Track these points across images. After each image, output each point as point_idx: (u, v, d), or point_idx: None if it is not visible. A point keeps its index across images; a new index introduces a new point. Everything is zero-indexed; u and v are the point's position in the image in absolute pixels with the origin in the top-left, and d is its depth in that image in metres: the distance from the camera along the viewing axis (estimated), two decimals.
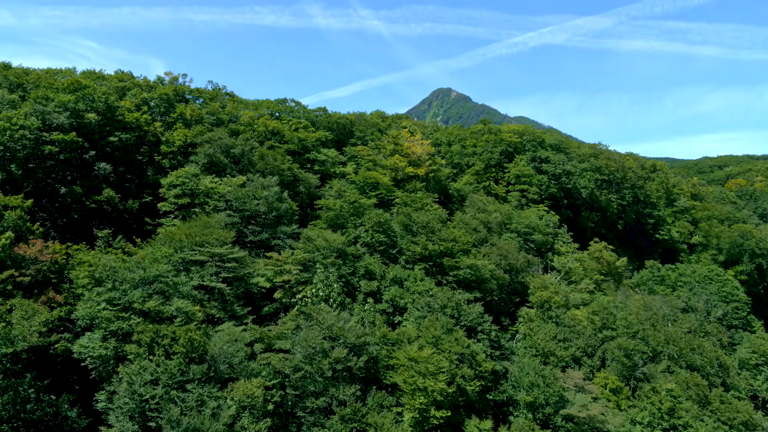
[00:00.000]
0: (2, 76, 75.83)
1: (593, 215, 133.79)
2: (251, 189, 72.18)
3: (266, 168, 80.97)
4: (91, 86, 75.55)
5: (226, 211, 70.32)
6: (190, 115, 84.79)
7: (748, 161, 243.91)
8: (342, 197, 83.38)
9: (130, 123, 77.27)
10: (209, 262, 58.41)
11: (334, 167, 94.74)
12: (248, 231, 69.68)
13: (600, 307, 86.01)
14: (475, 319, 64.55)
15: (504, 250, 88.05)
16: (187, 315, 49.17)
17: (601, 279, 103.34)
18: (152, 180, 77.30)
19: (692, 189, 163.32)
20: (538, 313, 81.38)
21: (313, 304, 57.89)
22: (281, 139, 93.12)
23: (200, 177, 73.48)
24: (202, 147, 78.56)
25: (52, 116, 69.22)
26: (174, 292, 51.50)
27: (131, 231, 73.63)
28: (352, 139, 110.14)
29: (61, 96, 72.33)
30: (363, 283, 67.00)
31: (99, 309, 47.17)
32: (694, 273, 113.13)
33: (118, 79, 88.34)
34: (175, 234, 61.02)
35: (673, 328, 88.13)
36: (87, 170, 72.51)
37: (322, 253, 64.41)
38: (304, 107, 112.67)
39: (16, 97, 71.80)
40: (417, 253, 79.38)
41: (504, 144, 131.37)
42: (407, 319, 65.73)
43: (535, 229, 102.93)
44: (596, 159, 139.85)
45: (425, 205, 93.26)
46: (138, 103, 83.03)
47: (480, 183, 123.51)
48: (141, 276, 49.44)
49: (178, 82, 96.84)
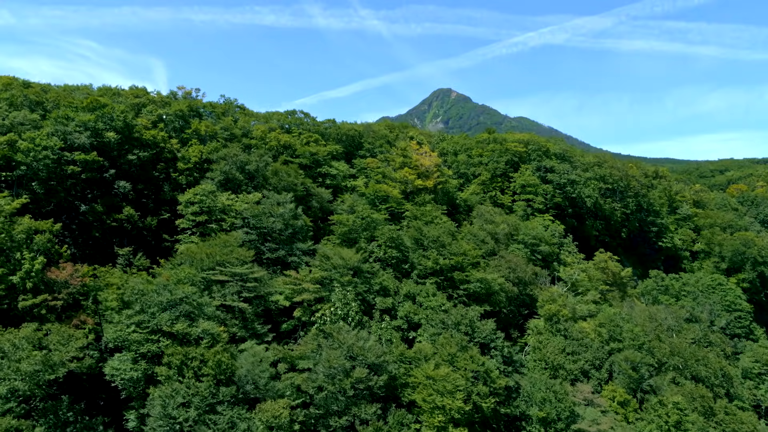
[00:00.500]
0: (22, 95, 77.30)
1: (597, 223, 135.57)
2: (267, 206, 73.81)
3: (280, 183, 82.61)
4: (109, 104, 77.13)
5: (243, 229, 71.99)
6: (205, 131, 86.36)
7: (749, 166, 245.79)
8: (354, 212, 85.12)
9: (147, 140, 78.90)
10: (231, 281, 60.06)
11: (346, 181, 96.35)
12: (265, 248, 71.32)
13: (607, 319, 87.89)
14: (488, 336, 66.31)
15: (512, 263, 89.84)
16: (213, 336, 50.84)
17: (606, 289, 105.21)
18: (169, 196, 78.90)
19: (694, 196, 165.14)
20: (547, 325, 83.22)
21: (332, 322, 59.58)
22: (293, 152, 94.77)
23: (217, 194, 75.06)
24: (218, 164, 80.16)
25: (74, 136, 70.85)
26: (199, 313, 53.16)
27: (150, 248, 75.33)
28: (361, 150, 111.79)
29: (81, 115, 73.92)
30: (378, 299, 68.79)
31: (129, 332, 48.84)
32: (697, 282, 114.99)
33: (133, 95, 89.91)
34: (196, 253, 62.67)
35: (678, 339, 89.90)
36: (107, 188, 74.13)
37: (339, 271, 66.13)
38: (313, 119, 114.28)
39: (36, 116, 73.31)
40: (428, 267, 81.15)
41: (509, 154, 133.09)
42: (422, 335, 67.53)
43: (541, 240, 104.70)
44: (600, 168, 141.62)
45: (435, 218, 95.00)
46: (154, 119, 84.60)
47: (486, 193, 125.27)
48: (168, 299, 51.09)
49: (192, 96, 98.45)
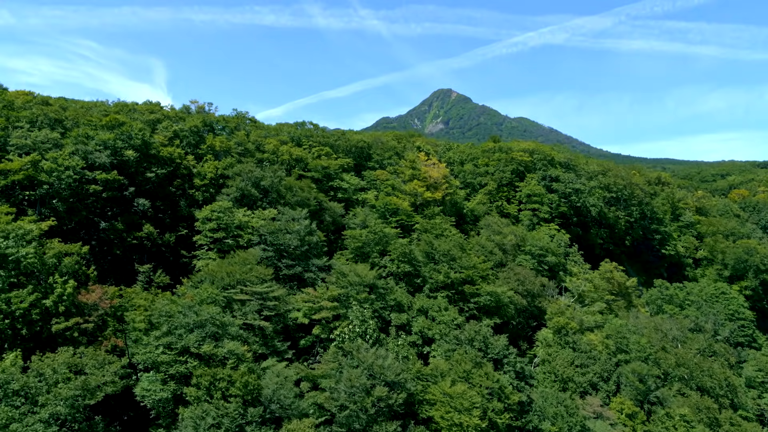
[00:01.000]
0: (42, 113, 78.86)
1: (602, 232, 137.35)
2: (283, 223, 75.47)
3: (294, 198, 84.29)
4: (127, 122, 78.76)
5: (260, 245, 73.65)
6: (219, 147, 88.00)
7: (750, 170, 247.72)
8: (367, 227, 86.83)
9: (164, 157, 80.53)
10: (251, 300, 61.75)
11: (357, 194, 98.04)
12: (282, 265, 72.97)
13: (613, 331, 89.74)
14: (500, 352, 68.08)
15: (521, 275, 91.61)
16: (238, 357, 52.54)
17: (612, 299, 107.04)
18: (186, 213, 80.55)
19: (697, 203, 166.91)
20: (556, 338, 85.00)
21: (350, 340, 61.31)
22: (305, 166, 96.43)
23: (233, 211, 76.70)
24: (234, 180, 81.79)
25: (94, 155, 72.50)
26: (223, 333, 54.84)
27: (168, 264, 77.04)
28: (370, 162, 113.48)
29: (100, 134, 75.56)
30: (393, 315, 70.55)
31: (158, 353, 50.53)
32: (701, 292, 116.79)
33: (148, 110, 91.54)
34: (217, 272, 64.34)
35: (683, 349, 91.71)
36: (127, 206, 75.79)
37: (355, 289, 67.86)
38: (322, 130, 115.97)
39: (57, 135, 74.89)
40: (439, 281, 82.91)
41: (515, 163, 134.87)
42: (436, 350, 69.29)
43: (548, 250, 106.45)
44: (604, 176, 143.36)
45: (444, 230, 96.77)
46: (170, 135, 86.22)
47: (493, 203, 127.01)
48: (194, 320, 52.77)
49: (205, 111, 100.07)
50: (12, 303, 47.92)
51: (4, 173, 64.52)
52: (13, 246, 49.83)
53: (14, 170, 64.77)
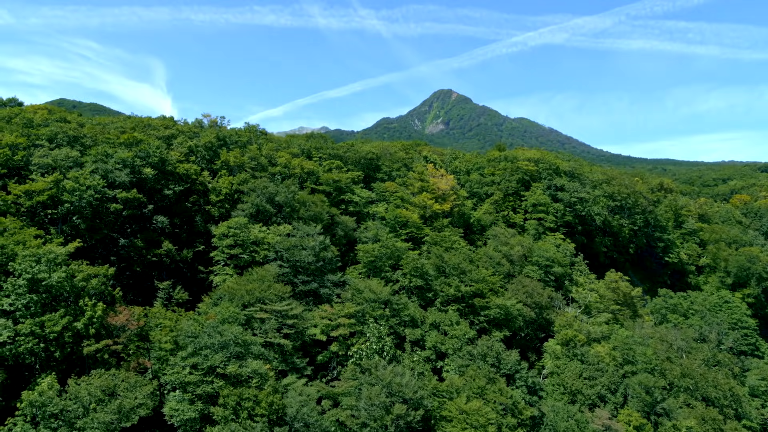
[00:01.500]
0: (62, 131, 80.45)
1: (606, 240, 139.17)
2: (298, 239, 77.14)
3: (307, 213, 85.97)
4: (145, 140, 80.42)
5: (276, 262, 75.34)
6: (233, 162, 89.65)
7: (751, 174, 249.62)
8: (378, 241, 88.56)
9: (181, 174, 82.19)
10: (271, 318, 63.46)
11: (368, 207, 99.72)
12: (298, 281, 74.65)
13: (620, 342, 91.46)
14: (512, 367, 69.83)
15: (529, 288, 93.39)
16: (261, 376, 54.25)
17: (617, 309, 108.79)
18: (202, 228, 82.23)
19: (699, 209, 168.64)
20: (564, 350, 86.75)
21: (367, 357, 63.06)
22: (317, 180, 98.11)
23: (249, 227, 78.36)
24: (249, 196, 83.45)
25: (114, 174, 74.17)
26: (246, 352, 56.55)
27: (186, 279, 78.76)
28: (379, 173, 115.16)
29: (119, 152, 77.21)
30: (408, 331, 72.33)
31: (185, 373, 52.22)
32: (705, 301, 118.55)
33: (163, 126, 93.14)
34: (236, 290, 66.01)
35: (688, 360, 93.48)
36: (145, 223, 77.47)
37: (371, 305, 69.58)
38: (332, 142, 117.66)
39: (77, 153, 76.49)
40: (450, 294, 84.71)
41: (521, 173, 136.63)
42: (449, 365, 71.09)
43: (554, 261, 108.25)
44: (608, 185, 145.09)
45: (453, 242, 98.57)
46: (185, 151, 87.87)
47: (499, 212, 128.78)
48: (219, 341, 54.46)
49: (217, 125, 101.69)
50: (45, 326, 49.59)
51: (29, 194, 66.16)
52: (45, 270, 51.48)
53: (38, 191, 66.43)
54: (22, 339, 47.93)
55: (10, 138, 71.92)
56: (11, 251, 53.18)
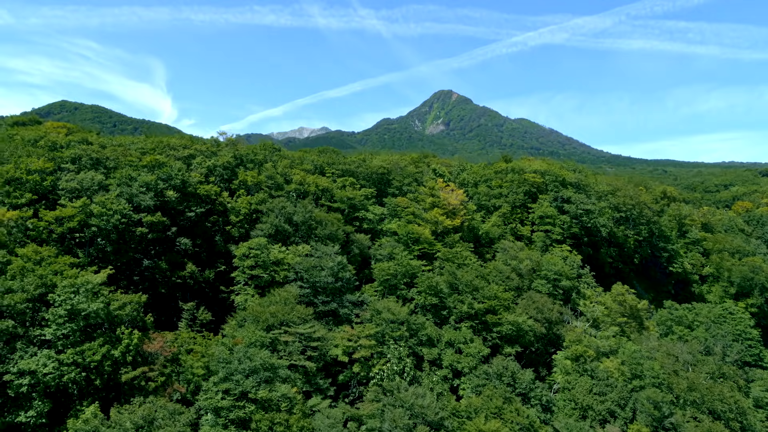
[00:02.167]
0: (86, 154, 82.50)
1: (611, 251, 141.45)
2: (317, 260, 79.34)
3: (324, 232, 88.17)
4: (167, 163, 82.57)
5: (297, 282, 77.58)
6: (251, 182, 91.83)
7: (753, 180, 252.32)
8: (393, 259, 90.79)
9: (201, 195, 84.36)
10: (296, 341, 65.70)
11: (381, 224, 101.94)
12: (318, 301, 76.88)
13: (628, 357, 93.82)
14: (528, 386, 72.13)
15: (540, 303, 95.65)
16: (290, 400, 56.52)
17: (624, 321, 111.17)
18: (223, 249, 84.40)
19: (702, 218, 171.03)
20: (574, 365, 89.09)
21: (389, 378, 65.34)
22: (331, 197, 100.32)
23: (269, 247, 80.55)
24: (268, 216, 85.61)
25: (139, 198, 76.33)
26: (274, 376, 58.81)
27: (208, 299, 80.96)
28: (390, 188, 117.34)
29: (142, 175, 79.37)
30: (425, 350, 74.60)
31: (218, 399, 54.48)
32: (709, 313, 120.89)
33: (182, 146, 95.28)
34: (261, 313, 68.22)
35: (694, 373, 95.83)
36: (169, 245, 79.64)
37: (390, 327, 71.84)
38: (343, 156, 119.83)
39: (101, 177, 78.62)
40: (463, 312, 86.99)
41: (527, 185, 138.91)
42: (465, 384, 73.36)
43: (562, 275, 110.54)
44: (614, 196, 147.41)
45: (465, 258, 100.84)
46: (204, 172, 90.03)
47: (507, 225, 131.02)
48: (249, 366, 56.72)
49: (234, 143, 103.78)
50: (86, 355, 51.81)
51: (60, 220, 68.33)
52: (83, 301, 53.68)
53: (68, 217, 68.57)
54: (66, 369, 50.15)
55: (38, 164, 74.05)
56: (50, 281, 55.36)
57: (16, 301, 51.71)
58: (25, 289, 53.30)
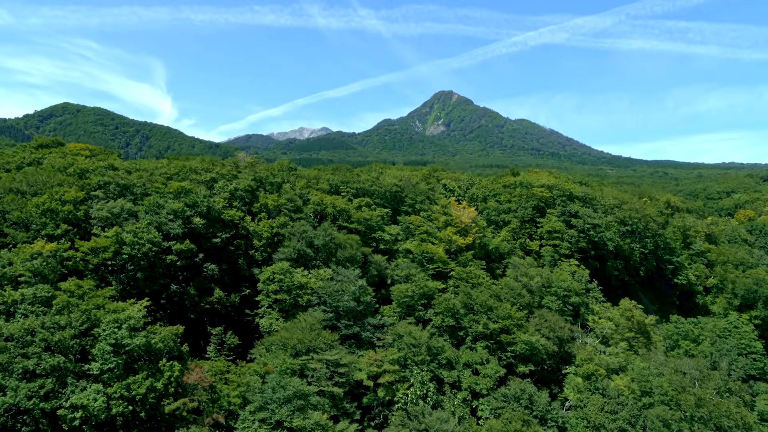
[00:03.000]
0: (114, 182, 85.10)
1: (618, 263, 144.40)
2: (340, 285, 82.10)
3: (344, 255, 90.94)
4: (193, 190, 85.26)
5: (321, 306, 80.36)
6: (272, 205, 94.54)
7: (755, 188, 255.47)
8: (410, 280, 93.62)
9: (226, 221, 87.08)
10: (323, 367, 68.51)
11: (397, 244, 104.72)
12: (341, 325, 79.70)
13: (637, 374, 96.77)
14: (544, 407, 75.03)
15: (552, 322, 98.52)
16: (323, 428, 59.34)
17: (632, 336, 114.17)
18: (247, 273, 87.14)
19: (706, 230, 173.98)
20: (585, 383, 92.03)
21: (412, 402, 68.21)
22: (348, 218, 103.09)
23: (292, 272, 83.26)
24: (290, 240, 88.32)
25: (168, 226, 79.01)
26: (306, 403, 61.64)
27: (233, 322, 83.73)
28: (403, 206, 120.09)
29: (170, 203, 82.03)
30: (445, 373, 77.47)
31: (255, 428, 57.32)
32: (714, 327, 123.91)
33: (204, 169, 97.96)
34: (289, 339, 71.02)
35: (702, 390, 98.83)
36: (197, 271, 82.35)
37: (413, 351, 74.68)
38: (356, 175, 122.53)
39: (130, 204, 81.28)
40: (479, 332, 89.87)
41: (536, 199, 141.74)
42: (484, 406, 76.25)
43: (572, 291, 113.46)
44: (620, 210, 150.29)
45: (479, 277, 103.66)
46: (227, 196, 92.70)
47: (516, 239, 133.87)
48: (283, 395, 59.53)
49: (252, 161, 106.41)
50: (131, 388, 54.57)
51: (95, 251, 71.03)
52: (127, 336, 56.43)
53: (103, 248, 71.25)
54: (114, 402, 52.93)
55: (71, 193, 76.68)
56: (94, 316, 58.10)
57: (65, 337, 54.46)
58: (73, 325, 56.03)
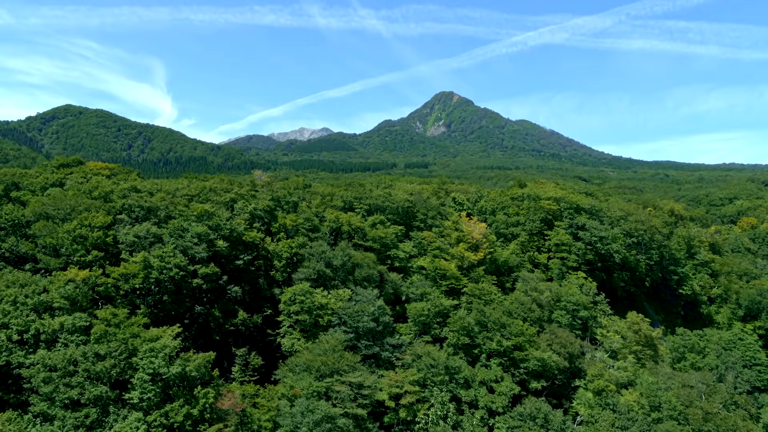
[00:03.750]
0: (138, 205, 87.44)
1: (624, 274, 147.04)
2: (359, 305, 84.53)
3: (361, 275, 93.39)
4: (215, 213, 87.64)
5: (341, 327, 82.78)
6: (290, 225, 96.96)
7: (756, 194, 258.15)
8: (425, 298, 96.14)
9: (248, 242, 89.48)
10: (348, 389, 70.99)
11: (411, 261, 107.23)
12: (361, 345, 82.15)
13: (646, 389, 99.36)
14: (559, 426, 77.57)
15: (563, 339, 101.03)
16: None
17: (639, 349, 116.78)
18: (268, 293, 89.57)
19: (710, 239, 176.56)
20: (596, 399, 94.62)
21: (433, 423, 70.72)
22: (363, 236, 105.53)
23: (312, 293, 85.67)
24: (309, 261, 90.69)
25: (194, 250, 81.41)
26: (334, 427, 64.12)
27: (255, 342, 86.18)
28: (415, 221, 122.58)
29: (194, 227, 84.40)
30: (463, 392, 79.97)
31: None
32: (720, 340, 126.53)
33: (224, 190, 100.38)
34: (313, 362, 73.45)
35: (709, 404, 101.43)
36: (221, 293, 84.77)
37: (432, 372, 77.21)
38: (368, 191, 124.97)
39: (155, 228, 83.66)
40: (492, 349, 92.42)
41: (543, 212, 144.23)
42: (500, 424, 78.78)
43: (580, 305, 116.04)
44: (626, 222, 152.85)
45: (491, 293, 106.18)
46: (247, 218, 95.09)
47: (525, 253, 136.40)
48: (312, 419, 61.99)
49: (269, 179, 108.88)
50: (170, 416, 57.03)
51: (125, 277, 73.45)
52: (164, 365, 58.86)
53: (133, 274, 73.67)
54: (153, 430, 55.38)
55: (99, 219, 79.08)
56: (131, 345, 60.54)
57: (106, 367, 56.90)
58: (112, 355, 58.47)
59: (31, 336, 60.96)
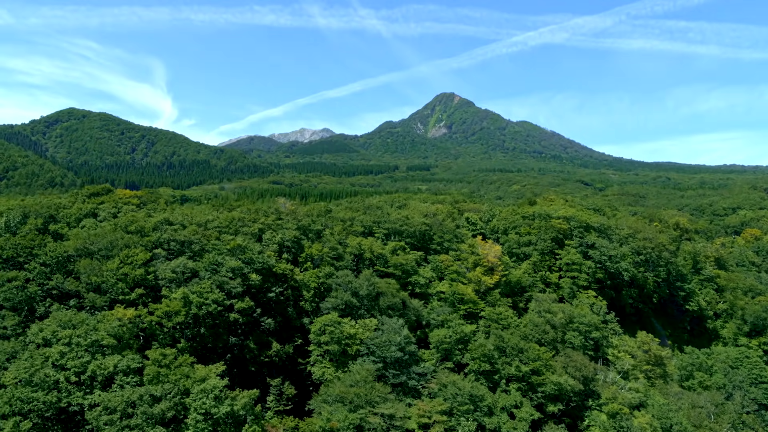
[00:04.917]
0: (173, 240, 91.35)
1: (632, 291, 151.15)
2: (387, 336, 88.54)
3: (385, 303, 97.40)
4: (248, 247, 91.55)
5: (370, 357, 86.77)
6: (316, 254, 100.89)
7: (760, 204, 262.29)
8: (446, 325, 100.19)
9: (278, 274, 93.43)
10: (381, 421, 75.04)
11: (431, 287, 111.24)
12: (389, 374, 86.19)
13: (658, 411, 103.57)
14: None
15: (579, 363, 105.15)
16: None
17: (649, 369, 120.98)
18: (297, 323, 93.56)
19: (715, 253, 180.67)
20: (610, 421, 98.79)
21: None
22: (385, 262, 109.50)
23: (341, 323, 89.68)
24: (336, 291, 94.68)
25: (230, 285, 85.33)
26: None
27: (287, 371, 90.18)
28: (431, 244, 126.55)
29: (228, 261, 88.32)
30: (487, 420, 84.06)
31: None
32: (727, 358, 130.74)
33: (251, 220, 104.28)
34: (346, 393, 77.49)
35: (718, 424, 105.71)
36: (255, 325, 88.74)
37: (458, 401, 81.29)
38: (387, 216, 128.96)
39: (191, 263, 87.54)
40: (511, 374, 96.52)
41: (554, 231, 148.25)
42: None
43: (592, 326, 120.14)
44: (634, 239, 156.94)
45: (508, 317, 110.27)
46: (276, 249, 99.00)
47: (537, 272, 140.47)
48: None
49: (293, 208, 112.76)
50: None
51: (168, 315, 77.39)
52: (214, 405, 62.86)
53: (176, 311, 77.61)
54: None
55: (140, 256, 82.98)
56: (183, 386, 64.50)
57: (163, 409, 60.87)
58: (167, 397, 62.44)
59: (88, 377, 64.87)
